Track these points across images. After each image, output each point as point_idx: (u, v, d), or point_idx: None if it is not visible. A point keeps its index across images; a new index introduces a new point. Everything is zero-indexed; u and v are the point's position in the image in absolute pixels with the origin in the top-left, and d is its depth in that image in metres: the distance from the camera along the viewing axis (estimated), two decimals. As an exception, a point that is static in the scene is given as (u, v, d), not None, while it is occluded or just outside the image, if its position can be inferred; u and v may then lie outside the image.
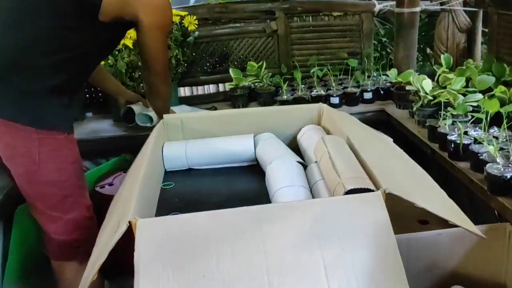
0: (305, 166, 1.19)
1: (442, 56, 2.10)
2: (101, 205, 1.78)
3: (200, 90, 2.95)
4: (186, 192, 1.21)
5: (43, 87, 1.33)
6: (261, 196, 1.15)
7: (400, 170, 1.08)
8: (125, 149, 2.13)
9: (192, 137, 1.40)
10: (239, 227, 0.83)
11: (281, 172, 1.12)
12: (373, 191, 0.90)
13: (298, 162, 1.16)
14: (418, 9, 2.13)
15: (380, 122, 2.18)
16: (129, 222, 0.85)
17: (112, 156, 2.17)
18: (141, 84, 2.10)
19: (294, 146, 1.43)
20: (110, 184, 1.96)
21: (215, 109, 2.34)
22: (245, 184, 1.27)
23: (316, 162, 1.14)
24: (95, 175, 1.99)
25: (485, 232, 1.09)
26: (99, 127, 2.19)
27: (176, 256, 0.81)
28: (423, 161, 1.99)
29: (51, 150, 1.34)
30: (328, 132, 1.32)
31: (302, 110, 1.41)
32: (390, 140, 1.39)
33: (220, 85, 2.75)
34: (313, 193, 1.07)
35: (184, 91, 2.93)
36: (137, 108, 2.02)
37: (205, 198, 1.18)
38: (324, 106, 1.39)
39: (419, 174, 1.13)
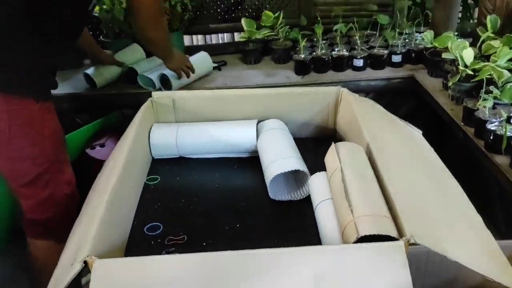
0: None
1: (488, 17, 1.79)
2: (90, 167, 1.66)
3: (214, 38, 2.70)
4: (172, 192, 1.04)
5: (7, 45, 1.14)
6: (260, 198, 0.98)
7: (429, 193, 0.88)
8: (126, 106, 1.95)
9: (185, 119, 1.19)
10: (215, 282, 0.66)
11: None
12: (393, 238, 0.71)
13: (301, 170, 0.96)
14: (466, -40, 1.80)
15: (408, 91, 1.93)
16: (85, 261, 0.69)
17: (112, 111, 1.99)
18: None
19: (304, 135, 1.23)
20: (102, 145, 1.80)
21: (225, 63, 2.11)
22: (242, 181, 1.09)
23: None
24: (87, 132, 1.82)
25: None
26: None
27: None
28: (452, 143, 1.78)
29: (24, 123, 1.17)
30: (344, 131, 1.11)
31: (317, 94, 1.18)
32: (419, 134, 1.17)
33: (236, 34, 2.49)
34: (316, 214, 0.88)
35: (197, 40, 2.68)
36: (140, 67, 1.82)
37: (193, 202, 1.00)
38: (344, 91, 1.16)
39: (453, 195, 0.93)
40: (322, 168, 0.97)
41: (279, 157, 1.00)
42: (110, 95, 1.85)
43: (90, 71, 1.83)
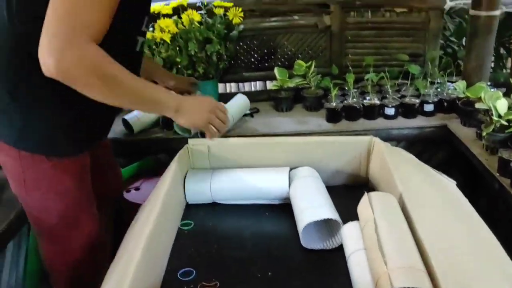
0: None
1: (521, 66, 1.80)
2: (128, 209, 1.70)
3: (246, 86, 2.78)
4: (206, 238, 1.05)
5: (23, 96, 1.05)
6: (293, 246, 0.98)
7: (464, 246, 0.86)
8: (161, 151, 2.01)
9: (219, 166, 1.23)
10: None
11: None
12: (428, 292, 0.70)
13: (334, 219, 0.97)
14: (497, 12, 1.82)
15: (441, 140, 1.92)
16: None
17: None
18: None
19: (336, 183, 1.23)
20: (137, 189, 1.86)
21: (257, 110, 2.16)
22: (275, 229, 1.10)
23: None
24: (124, 176, 1.88)
25: None
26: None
27: None
28: (487, 194, 1.74)
29: (36, 178, 1.13)
30: (376, 180, 1.11)
31: (349, 144, 1.20)
32: (453, 184, 1.16)
33: (268, 82, 2.57)
34: (349, 265, 0.88)
35: (230, 88, 2.77)
36: None
37: (226, 248, 1.02)
38: (376, 140, 1.17)
39: (489, 248, 0.91)
40: (355, 217, 0.97)
41: (312, 205, 1.01)
42: (147, 140, 1.91)
43: (128, 116, 1.91)
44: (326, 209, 0.98)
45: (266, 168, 1.19)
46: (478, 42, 1.87)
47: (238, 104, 1.93)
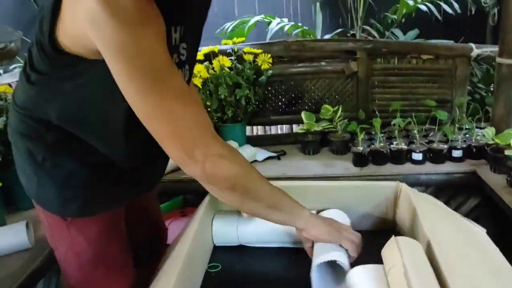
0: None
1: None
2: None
3: (273, 129, 2.83)
4: (233, 281, 1.06)
5: (40, 154, 1.03)
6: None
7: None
8: (189, 192, 2.05)
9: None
10: None
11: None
12: None
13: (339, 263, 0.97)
14: (525, 60, 1.83)
15: (470, 187, 1.90)
16: None
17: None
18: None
19: (362, 227, 1.24)
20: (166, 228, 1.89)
21: (284, 153, 2.19)
22: (301, 272, 1.09)
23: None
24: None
25: None
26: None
27: None
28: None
29: (57, 235, 1.12)
30: (403, 226, 1.11)
31: (376, 189, 1.21)
32: (483, 232, 1.14)
33: (294, 125, 2.61)
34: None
35: (257, 130, 2.82)
36: None
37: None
38: (403, 186, 1.18)
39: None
40: (379, 261, 0.96)
41: (331, 249, 1.01)
42: (176, 181, 1.95)
43: None
44: (336, 253, 0.98)
45: (293, 212, 1.20)
46: (505, 89, 1.88)
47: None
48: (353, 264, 0.98)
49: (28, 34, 2.36)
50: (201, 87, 2.06)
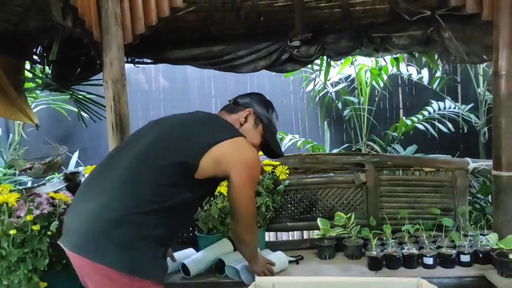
0: None
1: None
2: None
3: (284, 236, 2.98)
4: None
5: (144, 239, 1.43)
6: None
7: None
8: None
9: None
10: None
11: None
12: None
13: None
14: (518, 172, 2.06)
15: (481, 290, 2.01)
16: None
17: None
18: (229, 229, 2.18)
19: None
20: None
21: (302, 258, 2.32)
22: None
23: None
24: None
25: None
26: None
27: None
28: None
29: None
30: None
31: (399, 284, 1.34)
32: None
33: (305, 232, 2.76)
34: None
35: (269, 236, 2.97)
36: (228, 259, 2.08)
37: None
38: (423, 282, 1.32)
39: None
40: None
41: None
42: (201, 283, 2.06)
43: (187, 261, 2.09)
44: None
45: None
46: (503, 199, 2.08)
47: (276, 259, 2.14)
48: None
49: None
50: (226, 194, 2.26)
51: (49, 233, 1.64)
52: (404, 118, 3.71)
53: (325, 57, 2.91)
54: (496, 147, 2.08)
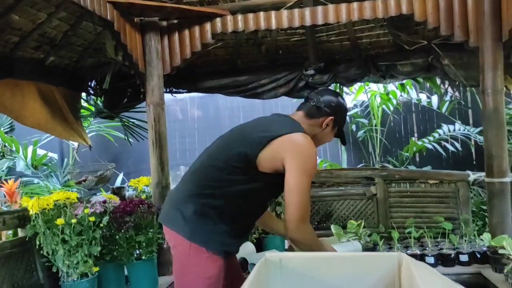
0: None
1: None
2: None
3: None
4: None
5: (202, 215, 1.72)
6: None
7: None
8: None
9: (291, 276, 1.64)
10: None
11: None
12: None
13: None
14: (508, 179, 2.29)
15: (477, 285, 2.22)
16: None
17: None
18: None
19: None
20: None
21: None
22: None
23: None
24: None
25: None
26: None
27: None
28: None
29: (195, 264, 1.71)
30: None
31: (382, 258, 1.59)
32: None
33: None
34: None
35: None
36: (251, 258, 2.36)
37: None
38: (404, 256, 1.56)
39: None
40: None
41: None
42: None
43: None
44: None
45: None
46: (496, 203, 2.31)
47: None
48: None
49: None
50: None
51: (101, 225, 2.01)
52: (415, 139, 3.96)
53: (338, 84, 3.26)
54: (488, 156, 2.33)
